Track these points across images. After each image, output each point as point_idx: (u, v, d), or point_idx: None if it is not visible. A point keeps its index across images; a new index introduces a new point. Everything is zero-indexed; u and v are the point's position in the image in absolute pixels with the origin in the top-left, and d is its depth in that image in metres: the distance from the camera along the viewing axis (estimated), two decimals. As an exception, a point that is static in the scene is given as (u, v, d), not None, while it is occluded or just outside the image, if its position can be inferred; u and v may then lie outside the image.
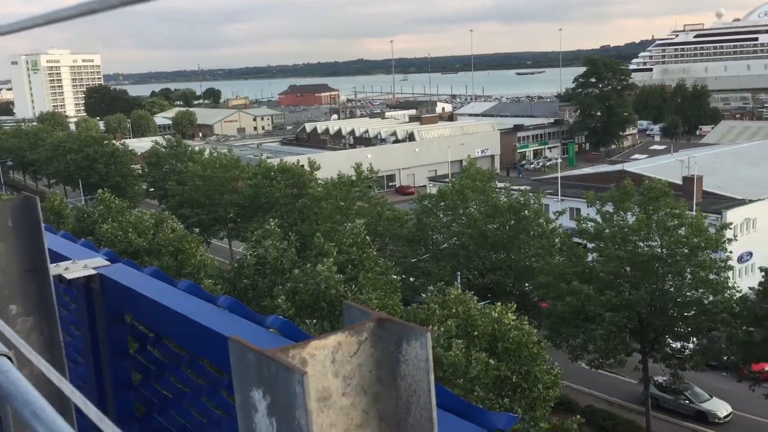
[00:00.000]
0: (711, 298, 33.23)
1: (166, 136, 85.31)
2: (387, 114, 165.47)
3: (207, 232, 55.14)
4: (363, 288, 20.32)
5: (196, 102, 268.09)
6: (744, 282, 42.41)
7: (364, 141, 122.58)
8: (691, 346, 35.22)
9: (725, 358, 34.32)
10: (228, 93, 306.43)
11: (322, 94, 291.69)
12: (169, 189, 60.07)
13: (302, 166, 53.50)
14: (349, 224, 25.68)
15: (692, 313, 33.76)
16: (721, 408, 36.93)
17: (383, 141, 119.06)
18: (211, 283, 25.31)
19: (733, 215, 49.99)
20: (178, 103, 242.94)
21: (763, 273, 31.37)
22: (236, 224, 57.31)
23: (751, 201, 53.35)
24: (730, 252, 35.34)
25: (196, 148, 73.12)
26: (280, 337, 2.43)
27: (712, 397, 37.63)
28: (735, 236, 39.20)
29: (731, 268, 34.90)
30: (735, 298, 33.04)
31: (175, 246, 30.73)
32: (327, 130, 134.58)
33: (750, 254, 49.36)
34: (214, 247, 61.69)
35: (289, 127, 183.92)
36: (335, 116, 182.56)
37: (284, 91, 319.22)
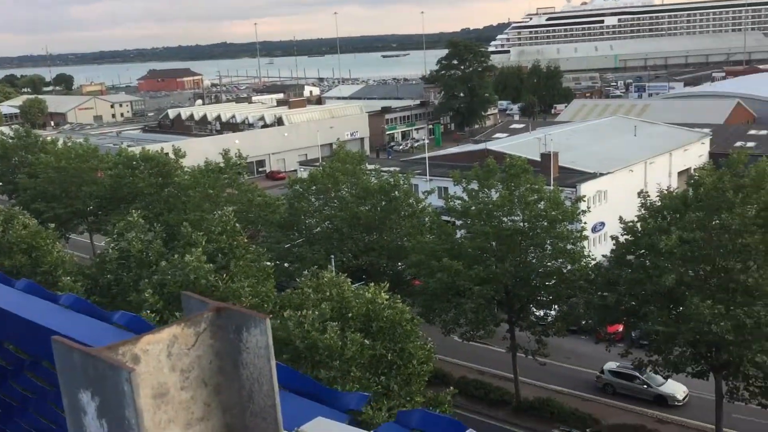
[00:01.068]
0: (569, 267, 35.30)
1: (13, 126, 79.27)
2: (254, 98, 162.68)
3: (64, 227, 52.08)
4: (235, 276, 19.91)
5: (46, 89, 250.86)
6: (598, 250, 45.49)
7: (231, 126, 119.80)
8: (553, 313, 37.33)
9: (584, 323, 36.68)
10: (81, 79, 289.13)
11: (185, 79, 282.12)
12: (20, 182, 56.04)
13: (167, 153, 51.48)
14: (218, 212, 25.02)
15: (553, 282, 35.75)
16: (678, 390, 36.76)
17: (251, 126, 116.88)
18: (71, 281, 23.90)
19: (586, 188, 53.35)
20: (25, 90, 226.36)
21: (613, 241, 33.68)
22: (97, 217, 54.43)
23: (602, 174, 57.09)
24: (585, 223, 37.63)
25: (48, 138, 68.45)
26: (127, 333, 2.31)
27: (667, 379, 36.98)
28: (588, 208, 41.72)
29: (586, 238, 37.19)
30: (590, 265, 35.27)
31: (29, 243, 28.74)
32: (192, 116, 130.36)
33: (602, 224, 52.94)
34: (73, 243, 58.36)
35: (150, 114, 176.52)
36: (200, 101, 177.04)
37: (144, 76, 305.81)
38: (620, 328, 39.85)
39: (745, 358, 27.66)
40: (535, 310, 37.72)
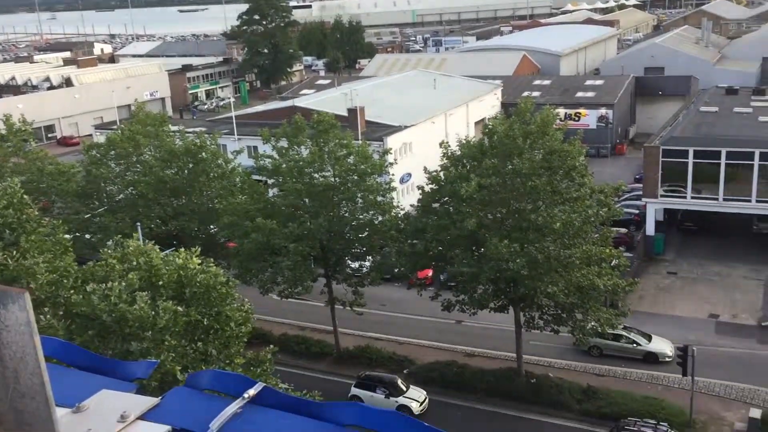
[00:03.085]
0: (380, 218, 36.51)
1: None
2: (36, 57, 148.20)
3: None
4: (27, 253, 18.26)
5: None
6: (406, 200, 47.44)
7: (11, 89, 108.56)
8: (367, 264, 38.53)
9: (396, 270, 38.20)
10: None
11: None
12: None
13: (-67, 122, 45.54)
14: (3, 184, 22.72)
15: (366, 234, 36.79)
16: (666, 347, 36.46)
17: (35, 88, 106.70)
18: None
19: (392, 141, 55.07)
20: None
21: (419, 191, 35.23)
22: None
23: (406, 127, 59.17)
24: (393, 175, 38.95)
25: None
26: None
27: (651, 337, 37.21)
28: (396, 160, 43.26)
29: (395, 189, 38.57)
30: (400, 215, 36.73)
31: None
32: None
33: (409, 175, 55.16)
34: None
35: None
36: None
37: None
38: (430, 272, 42.06)
39: (539, 290, 30.47)
40: (350, 262, 38.68)
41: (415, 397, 33.69)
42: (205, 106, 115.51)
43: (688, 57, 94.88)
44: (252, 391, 1.76)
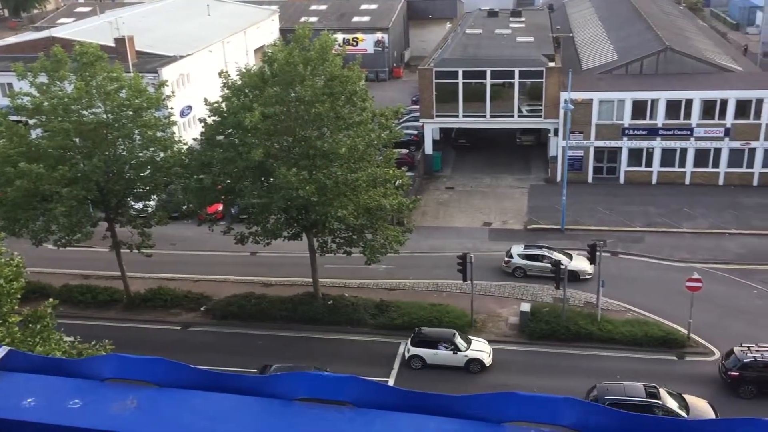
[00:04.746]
0: (162, 154, 34.84)
1: None
2: None
3: None
4: None
5: None
6: (188, 134, 45.62)
7: None
8: (152, 203, 36.81)
9: (184, 208, 36.95)
10: None
11: None
12: None
13: None
14: None
15: (148, 172, 35.00)
16: (585, 265, 37.35)
17: None
18: None
19: (168, 72, 52.10)
20: None
21: (202, 124, 33.99)
22: None
23: (182, 57, 56.18)
24: (172, 108, 37.08)
25: None
26: None
27: (572, 256, 38.20)
28: (173, 92, 41.15)
29: (175, 123, 36.76)
30: (183, 150, 35.31)
31: None
32: None
33: (190, 108, 52.85)
34: None
35: None
36: None
37: None
38: (220, 207, 41.21)
39: (329, 214, 31.24)
40: (133, 203, 36.73)
41: (483, 349, 31.68)
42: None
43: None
44: (-6, 357, 1.62)
